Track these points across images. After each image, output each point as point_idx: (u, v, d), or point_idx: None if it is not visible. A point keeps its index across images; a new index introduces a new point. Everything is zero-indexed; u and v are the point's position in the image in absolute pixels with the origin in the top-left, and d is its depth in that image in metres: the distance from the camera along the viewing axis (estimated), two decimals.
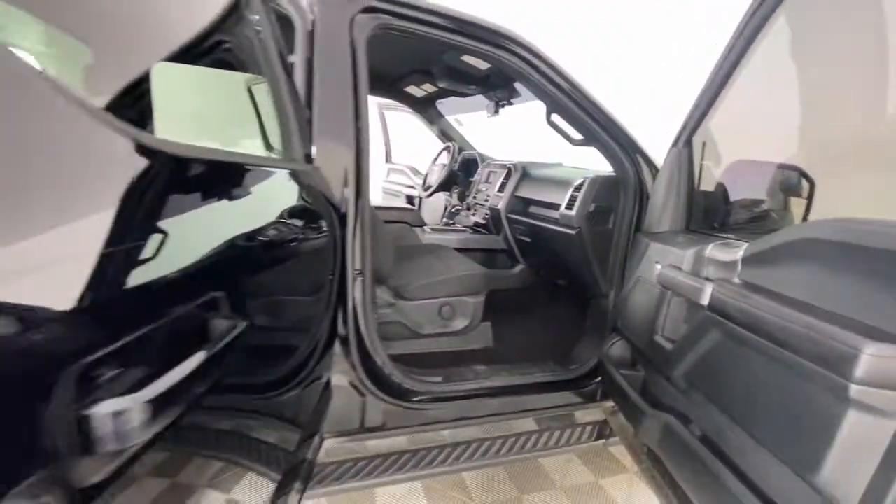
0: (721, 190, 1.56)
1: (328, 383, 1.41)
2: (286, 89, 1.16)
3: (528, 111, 2.75)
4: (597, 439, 1.86)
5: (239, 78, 1.13)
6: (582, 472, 2.16)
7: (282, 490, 1.05)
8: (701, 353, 1.15)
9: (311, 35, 1.35)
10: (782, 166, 1.52)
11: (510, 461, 1.93)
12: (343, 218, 1.36)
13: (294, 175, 1.17)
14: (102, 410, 0.33)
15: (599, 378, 1.87)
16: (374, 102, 3.90)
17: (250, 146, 1.05)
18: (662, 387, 1.36)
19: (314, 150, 1.31)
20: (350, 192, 1.37)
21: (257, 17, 1.18)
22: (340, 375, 1.47)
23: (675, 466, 1.22)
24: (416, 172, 3.94)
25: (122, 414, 0.33)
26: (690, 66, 3.89)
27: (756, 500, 0.91)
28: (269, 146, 1.11)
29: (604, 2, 4.30)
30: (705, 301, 1.11)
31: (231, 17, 1.14)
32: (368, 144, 1.41)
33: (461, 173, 3.13)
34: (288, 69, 1.22)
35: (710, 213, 1.56)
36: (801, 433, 0.84)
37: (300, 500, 1.26)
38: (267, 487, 1.00)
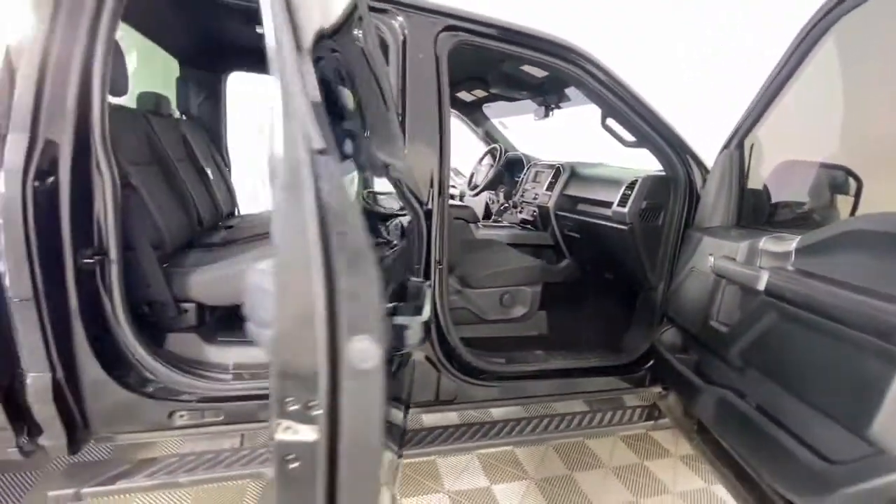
0: (771, 188, 1.69)
1: (414, 360, 1.60)
2: (391, 98, 1.35)
3: (568, 115, 2.89)
4: (646, 421, 1.99)
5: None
6: (627, 454, 2.30)
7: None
8: (757, 334, 1.29)
9: (402, 51, 1.53)
10: (830, 166, 1.64)
11: (563, 438, 2.08)
12: (428, 214, 1.55)
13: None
14: (400, 321, 0.51)
15: (648, 364, 2.01)
16: None
17: None
18: (717, 366, 1.50)
19: (405, 151, 1.50)
20: (435, 191, 1.55)
21: (361, 32, 1.37)
22: (420, 352, 1.65)
23: (731, 435, 1.36)
24: (458, 173, 4.11)
25: (408, 327, 0.52)
26: (696, 68, 3.94)
27: (811, 455, 1.05)
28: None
29: (609, 3, 4.36)
30: (762, 287, 1.25)
31: (341, 30, 1.33)
32: (450, 147, 1.59)
33: (506, 173, 3.30)
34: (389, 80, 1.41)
35: (759, 210, 1.69)
36: (854, 396, 0.98)
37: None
38: None
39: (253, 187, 3.66)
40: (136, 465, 1.39)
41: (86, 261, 1.25)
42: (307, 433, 0.53)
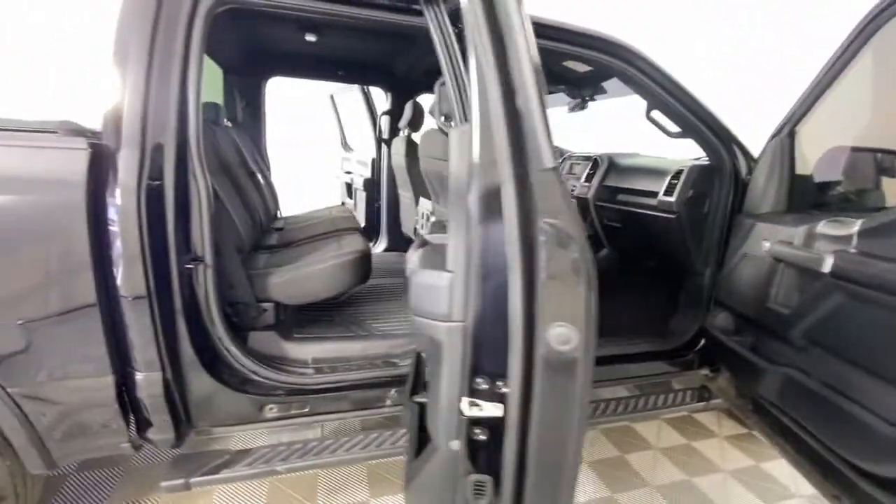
0: (820, 174, 1.74)
1: None
2: None
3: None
4: (697, 402, 2.06)
5: None
6: (674, 436, 2.38)
7: None
8: (822, 314, 1.36)
9: None
10: (878, 151, 1.68)
11: (612, 422, 2.15)
12: None
13: None
14: None
15: (697, 348, 2.07)
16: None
17: None
18: (776, 347, 1.56)
19: None
20: None
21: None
22: None
23: (798, 411, 1.43)
24: None
25: None
26: (716, 66, 3.95)
27: (886, 424, 1.12)
28: None
29: (629, 2, 4.38)
30: (827, 269, 1.31)
31: None
32: None
33: None
34: None
35: (809, 195, 1.74)
36: None
37: None
38: None
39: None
40: (234, 455, 1.48)
41: (187, 266, 1.34)
42: (493, 409, 0.61)
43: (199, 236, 1.37)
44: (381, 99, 3.41)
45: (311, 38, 2.17)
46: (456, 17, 1.52)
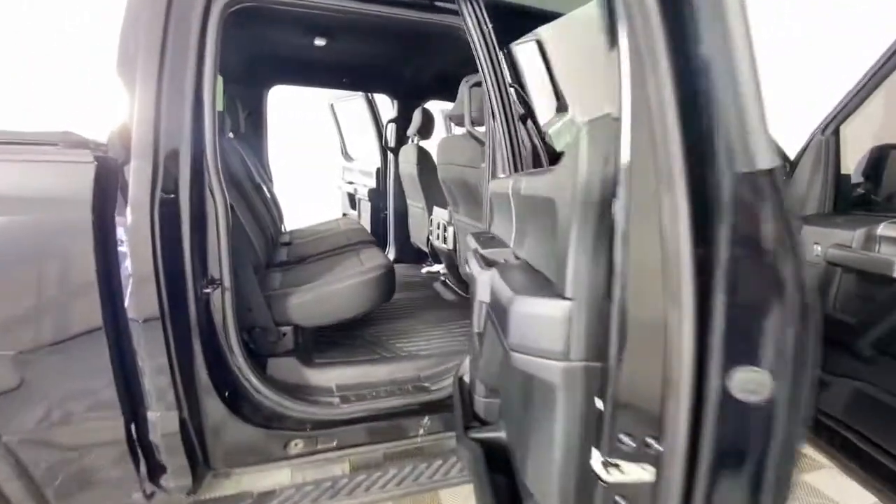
0: (869, 173, 1.66)
1: None
2: None
3: None
4: None
5: None
6: None
7: None
8: (894, 322, 1.26)
9: None
10: None
11: None
12: None
13: None
14: None
15: None
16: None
17: None
18: (835, 357, 1.47)
19: None
20: None
21: None
22: None
23: (869, 425, 1.34)
24: None
25: None
26: None
27: None
28: None
29: None
30: None
31: None
32: None
33: None
34: None
35: (854, 195, 1.66)
36: None
37: None
38: None
39: None
40: (257, 498, 1.33)
41: (205, 290, 1.20)
42: (638, 472, 0.49)
43: (216, 256, 1.23)
44: (386, 107, 3.31)
45: (320, 42, 2.05)
46: (493, 12, 1.43)
